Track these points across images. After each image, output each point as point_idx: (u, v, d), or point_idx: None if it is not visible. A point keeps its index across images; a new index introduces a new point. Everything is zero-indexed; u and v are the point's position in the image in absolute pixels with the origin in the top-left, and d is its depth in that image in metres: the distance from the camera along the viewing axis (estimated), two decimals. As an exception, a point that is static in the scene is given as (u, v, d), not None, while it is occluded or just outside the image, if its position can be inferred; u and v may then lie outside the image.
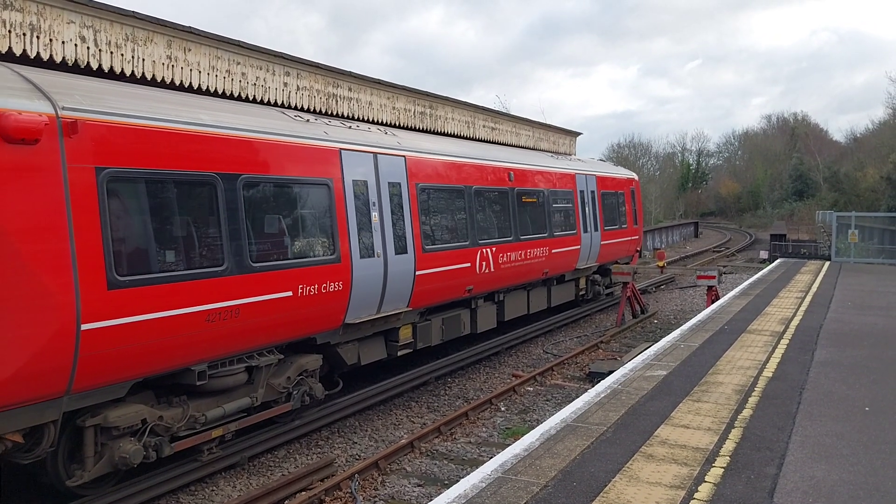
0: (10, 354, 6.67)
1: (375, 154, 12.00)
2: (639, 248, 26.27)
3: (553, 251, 18.28)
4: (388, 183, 12.22)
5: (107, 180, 7.58)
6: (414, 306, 12.78)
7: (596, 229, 21.36)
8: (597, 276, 22.62)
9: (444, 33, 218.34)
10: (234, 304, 8.89)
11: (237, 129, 9.37)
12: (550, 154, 21.72)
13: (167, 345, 8.18)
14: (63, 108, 7.31)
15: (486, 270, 15.01)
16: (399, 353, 12.79)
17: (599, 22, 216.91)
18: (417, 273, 12.68)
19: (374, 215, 11.76)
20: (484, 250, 14.94)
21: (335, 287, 10.68)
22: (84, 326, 7.23)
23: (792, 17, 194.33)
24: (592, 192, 21.45)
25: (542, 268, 17.87)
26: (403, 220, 12.53)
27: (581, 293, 21.45)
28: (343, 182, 11.09)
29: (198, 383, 8.75)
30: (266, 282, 9.42)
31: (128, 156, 7.87)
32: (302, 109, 12.73)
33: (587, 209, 20.83)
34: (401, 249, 12.32)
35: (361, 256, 11.27)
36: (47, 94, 7.30)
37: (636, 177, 27.24)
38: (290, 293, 9.78)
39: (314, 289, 10.23)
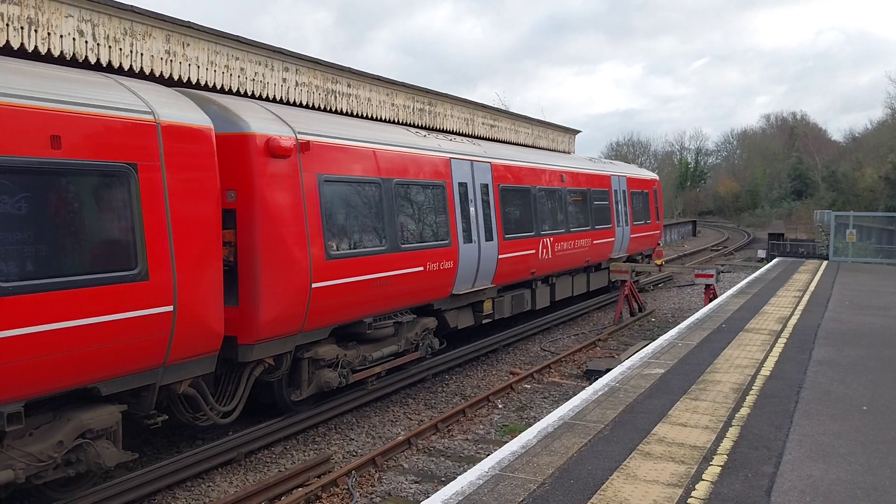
0: (281, 302, 9.65)
1: (472, 161, 14.92)
2: (659, 242, 29.31)
3: (594, 242, 21.20)
4: (480, 184, 15.10)
5: (322, 183, 10.47)
6: (495, 283, 15.61)
7: (626, 224, 24.24)
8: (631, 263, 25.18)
9: (451, 30, 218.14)
10: (389, 274, 11.83)
11: (390, 144, 12.41)
12: (589, 158, 25.80)
13: (356, 300, 11.19)
14: (299, 133, 10.27)
15: (546, 256, 17.88)
16: (483, 322, 15.53)
17: (606, 20, 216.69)
18: (499, 256, 15.57)
19: (472, 210, 14.61)
20: (544, 239, 17.79)
21: (448, 265, 13.58)
22: (314, 285, 10.15)
23: (799, 15, 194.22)
24: (623, 191, 24.33)
25: (585, 256, 20.75)
26: (490, 214, 15.34)
27: (613, 280, 23.16)
28: (452, 183, 14.01)
29: (367, 332, 11.65)
30: (408, 259, 12.37)
31: (333, 165, 10.80)
32: (301, 105, 12.70)
33: (619, 206, 23.71)
34: (489, 237, 15.16)
35: (464, 242, 14.14)
36: (288, 123, 10.22)
37: (658, 177, 30.39)
38: (421, 268, 12.76)
39: (436, 266, 13.17)
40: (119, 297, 7.47)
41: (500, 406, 12.88)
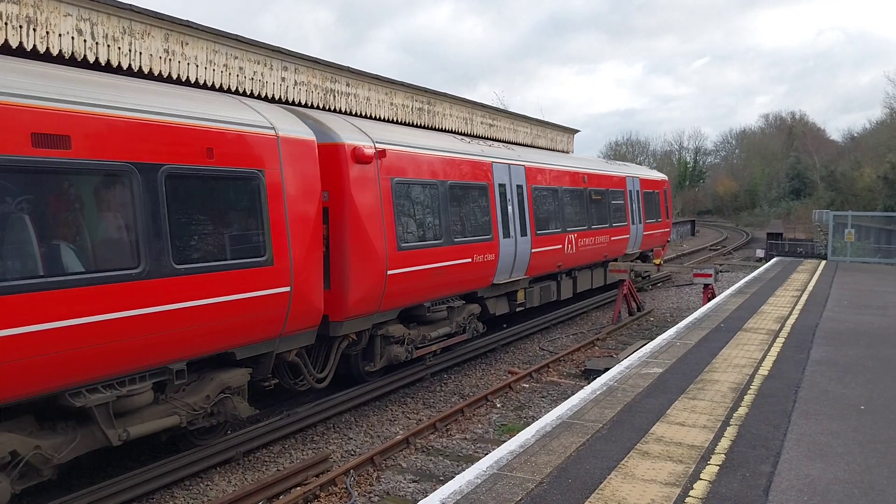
0: (363, 287, 11.33)
1: (509, 164, 16.48)
2: (668, 239, 31.39)
3: (612, 239, 22.81)
4: (516, 185, 16.63)
5: (395, 184, 12.14)
6: (528, 275, 17.13)
7: (640, 222, 25.82)
8: (638, 261, 26.18)
9: (452, 29, 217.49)
10: (445, 264, 13.44)
11: (444, 151, 13.99)
12: (606, 160, 28.39)
13: (419, 287, 12.83)
14: (377, 142, 11.84)
15: (571, 251, 19.49)
16: (516, 310, 17.09)
17: (607, 20, 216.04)
18: (532, 250, 17.04)
19: (510, 208, 16.13)
20: (569, 236, 19.37)
21: (490, 257, 15.11)
22: (388, 272, 11.79)
23: (800, 15, 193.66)
24: (637, 191, 25.95)
25: (604, 252, 22.30)
26: (525, 212, 16.82)
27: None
28: (493, 184, 15.53)
29: (426, 314, 13.36)
30: (460, 251, 13.94)
31: (402, 170, 12.46)
32: (300, 104, 12.70)
33: (634, 205, 25.32)
34: (523, 233, 16.64)
35: (503, 237, 15.64)
36: (367, 134, 11.84)
37: (667, 178, 32.19)
38: (469, 260, 14.26)
39: (481, 258, 14.69)
40: (253, 279, 9.07)
41: (498, 405, 12.89)
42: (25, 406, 7.29)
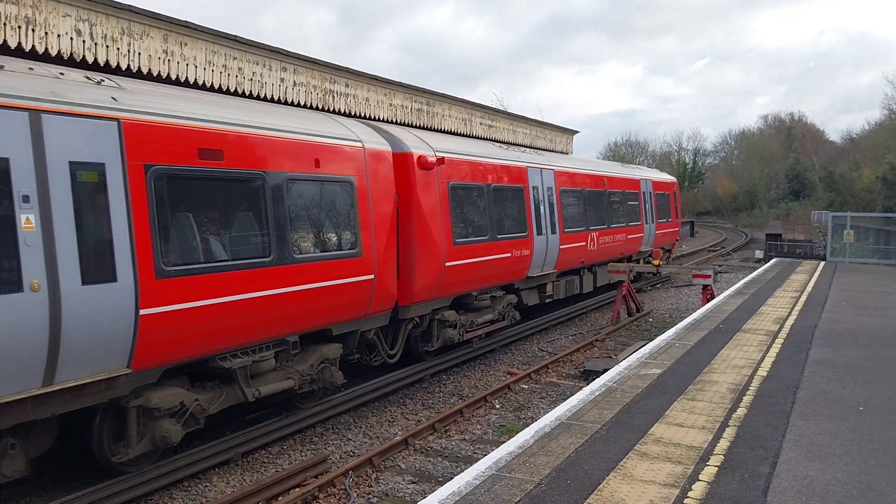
0: (427, 276, 13.11)
1: (541, 169, 18.27)
2: (678, 238, 33.36)
3: (628, 237, 24.64)
4: (547, 187, 18.39)
5: (451, 188, 13.92)
6: (556, 269, 18.82)
7: (652, 221, 27.65)
8: (650, 258, 27.33)
9: (453, 30, 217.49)
10: (490, 258, 15.22)
11: (488, 157, 15.90)
12: (621, 164, 30.50)
13: (469, 278, 14.61)
14: (436, 151, 13.62)
15: (592, 248, 21.27)
16: (546, 301, 18.93)
17: (608, 20, 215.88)
18: (561, 247, 18.81)
19: (542, 208, 17.83)
20: (592, 234, 21.18)
21: (526, 252, 16.83)
22: (446, 264, 13.60)
23: (801, 16, 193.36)
24: (650, 192, 27.72)
25: (621, 249, 24.05)
26: (554, 212, 18.61)
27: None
28: (528, 187, 17.30)
29: (474, 302, 15.18)
30: (502, 247, 15.72)
31: (456, 174, 14.24)
32: (299, 105, 12.70)
33: (647, 206, 27.10)
34: (553, 231, 18.40)
35: (536, 234, 17.36)
36: (429, 144, 13.63)
37: (676, 180, 34.47)
38: (509, 254, 16.05)
39: (518, 252, 16.44)
40: (348, 267, 10.91)
41: (497, 406, 12.88)
42: (182, 369, 8.89)
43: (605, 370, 11.56)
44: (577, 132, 27.52)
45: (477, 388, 14.17)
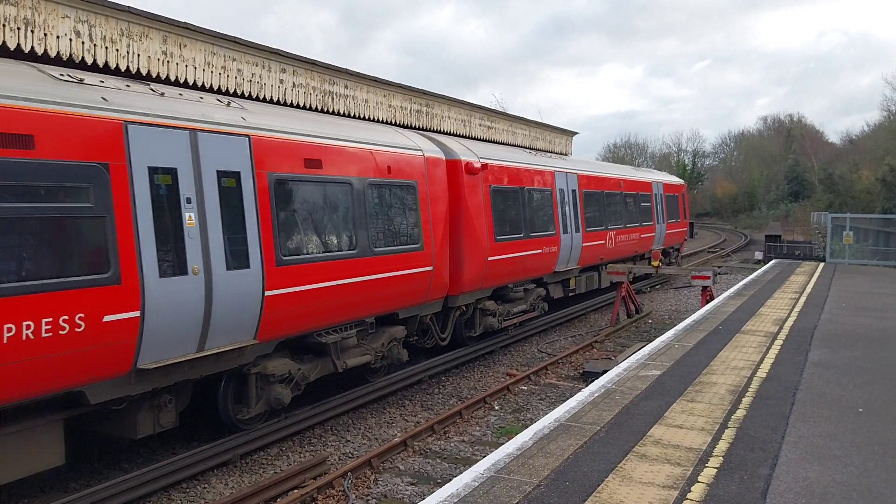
0: (473, 269, 14.75)
1: (566, 172, 19.99)
2: (686, 238, 35.07)
3: (641, 236, 26.23)
4: (571, 189, 20.10)
5: (492, 191, 15.60)
6: (579, 265, 20.56)
7: (663, 222, 29.30)
8: (661, 257, 27.91)
9: (454, 31, 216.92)
10: (524, 254, 16.91)
11: (521, 162, 17.64)
12: (633, 167, 32.89)
13: (507, 271, 16.21)
14: (480, 157, 15.32)
15: (610, 246, 22.91)
16: (569, 294, 20.67)
17: (608, 21, 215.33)
18: (583, 245, 20.55)
19: (567, 209, 19.57)
20: (610, 233, 22.82)
21: (553, 249, 18.56)
22: (488, 259, 15.20)
23: (802, 17, 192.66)
24: (661, 194, 29.44)
25: (635, 248, 25.70)
26: (577, 212, 20.33)
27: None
28: (556, 189, 19.04)
29: (510, 294, 16.85)
30: (533, 244, 17.39)
31: (496, 179, 15.97)
32: (298, 107, 12.69)
33: (658, 207, 28.75)
34: (576, 230, 20.05)
35: (562, 233, 19.03)
36: (473, 151, 15.35)
37: (685, 183, 36.68)
38: (539, 251, 17.76)
39: (547, 249, 18.16)
40: (413, 259, 12.70)
41: (496, 408, 12.88)
42: (286, 344, 10.49)
43: (605, 371, 11.55)
44: (576, 133, 27.49)
45: (476, 389, 14.17)
